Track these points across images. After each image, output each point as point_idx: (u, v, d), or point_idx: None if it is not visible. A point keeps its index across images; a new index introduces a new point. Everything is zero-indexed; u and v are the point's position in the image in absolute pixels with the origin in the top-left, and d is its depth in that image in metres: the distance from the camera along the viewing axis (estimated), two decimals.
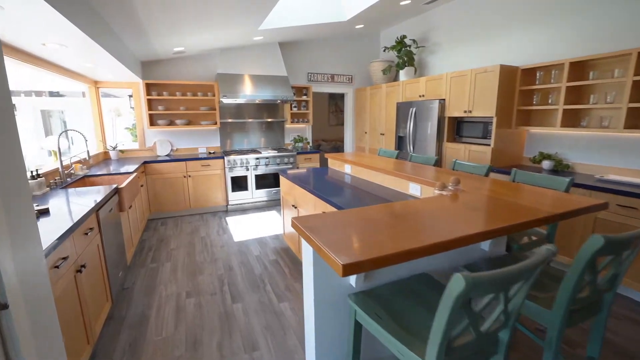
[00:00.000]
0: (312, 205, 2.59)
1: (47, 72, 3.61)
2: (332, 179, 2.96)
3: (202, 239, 3.97)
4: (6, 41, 2.43)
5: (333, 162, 3.56)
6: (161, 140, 5.09)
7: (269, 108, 5.69)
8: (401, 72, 5.06)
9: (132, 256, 3.33)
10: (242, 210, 5.15)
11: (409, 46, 5.01)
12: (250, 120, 5.58)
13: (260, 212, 5.07)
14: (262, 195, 5.21)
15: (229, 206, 5.06)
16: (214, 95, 5.12)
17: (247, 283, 2.90)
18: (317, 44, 5.77)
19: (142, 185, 4.15)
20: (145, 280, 2.98)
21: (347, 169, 3.23)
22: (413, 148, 4.62)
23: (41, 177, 2.66)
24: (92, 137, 4.81)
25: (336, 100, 8.70)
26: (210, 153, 5.25)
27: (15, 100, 8.37)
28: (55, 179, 2.94)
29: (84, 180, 3.39)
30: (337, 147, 8.25)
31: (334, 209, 2.15)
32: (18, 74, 5.25)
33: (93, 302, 2.04)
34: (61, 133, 3.02)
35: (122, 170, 3.77)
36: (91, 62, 3.32)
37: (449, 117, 4.16)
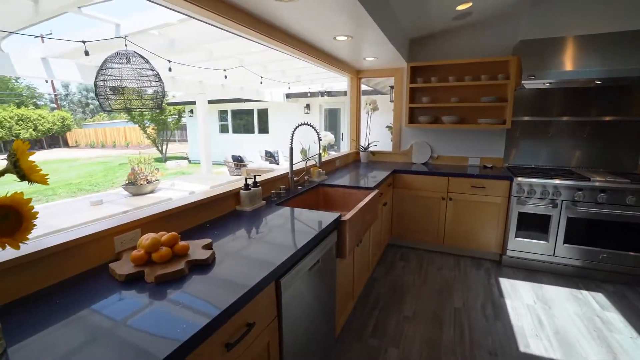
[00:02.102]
0: None
1: (315, 64, 3.15)
2: None
3: (455, 314, 2.35)
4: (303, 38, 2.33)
5: None
6: (419, 143, 3.84)
7: (610, 96, 3.09)
8: None
9: (346, 319, 2.24)
10: (529, 269, 3.03)
11: None
12: (565, 118, 3.24)
13: (565, 281, 2.76)
14: (575, 254, 2.85)
15: (505, 257, 3.11)
16: (507, 78, 3.24)
17: None
18: None
19: (385, 204, 3.06)
20: None
21: None
22: None
23: (258, 185, 1.98)
24: (346, 134, 4.29)
25: None
26: (485, 167, 3.46)
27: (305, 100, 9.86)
28: (280, 188, 2.26)
29: (317, 192, 2.63)
30: None
31: None
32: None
33: None
34: (296, 128, 2.32)
35: (365, 181, 2.79)
36: (357, 44, 2.48)
37: None
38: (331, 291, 1.78)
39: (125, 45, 3.02)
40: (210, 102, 11.23)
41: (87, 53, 2.75)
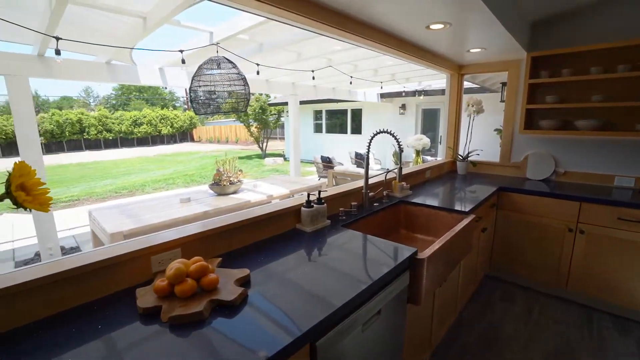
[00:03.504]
0: None
1: (406, 60, 2.75)
2: None
3: None
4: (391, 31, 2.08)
5: None
6: (538, 154, 3.03)
7: None
8: None
9: None
10: None
11: None
12: None
13: None
14: None
15: None
16: None
17: None
18: None
19: (484, 230, 2.46)
20: None
21: None
22: None
23: (323, 202, 1.73)
24: (444, 139, 3.70)
25: None
26: None
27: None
28: (351, 205, 1.96)
29: (396, 210, 2.24)
30: None
31: None
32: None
33: None
34: (373, 136, 1.97)
35: (460, 200, 2.27)
36: (458, 33, 2.01)
37: None
38: (396, 348, 1.42)
39: (217, 52, 3.15)
40: (305, 102, 11.61)
41: (183, 61, 2.96)
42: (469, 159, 3.37)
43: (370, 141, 1.99)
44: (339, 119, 11.99)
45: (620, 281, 2.32)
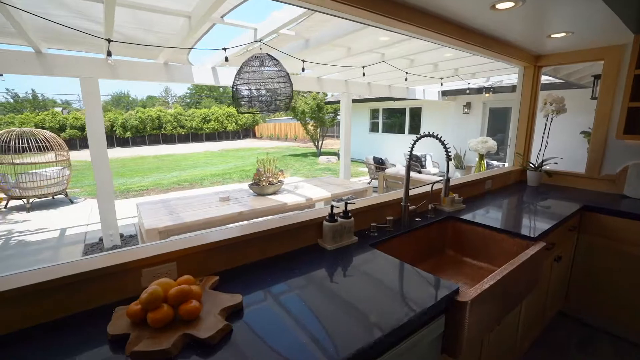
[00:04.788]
0: None
1: (468, 51, 2.37)
2: None
3: None
4: (447, 15, 1.79)
5: None
6: None
7: None
8: None
9: None
10: None
11: None
12: None
13: None
14: None
15: None
16: None
17: None
18: None
19: (558, 260, 1.98)
20: None
21: None
22: None
23: (350, 216, 1.49)
24: (513, 143, 3.17)
25: None
26: None
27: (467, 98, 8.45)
28: (387, 220, 1.69)
29: (443, 227, 1.90)
30: None
31: None
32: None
33: None
34: (416, 141, 1.66)
35: (527, 219, 1.85)
36: (534, 13, 1.60)
37: None
38: None
39: (260, 49, 3.07)
40: (361, 100, 11.27)
41: (227, 59, 2.94)
42: (543, 167, 2.81)
43: (413, 146, 1.69)
44: (397, 118, 11.43)
45: None
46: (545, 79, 5.35)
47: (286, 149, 17.87)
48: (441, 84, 6.11)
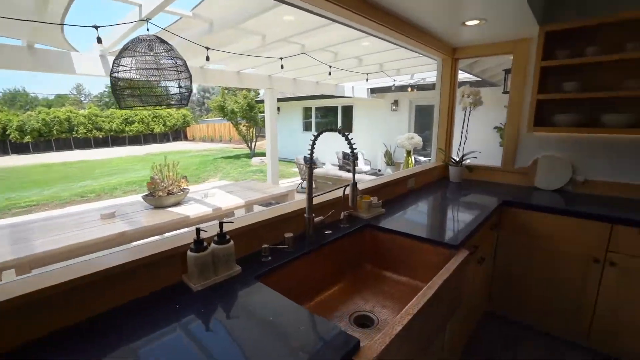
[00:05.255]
0: None
1: (385, 37, 2.13)
2: None
3: None
4: None
5: None
6: (551, 158, 2.40)
7: None
8: None
9: None
10: None
11: None
12: None
13: None
14: None
15: None
16: None
17: None
18: None
19: (481, 261, 1.83)
20: None
21: None
22: None
23: (228, 239, 1.09)
24: (434, 140, 3.08)
25: None
26: None
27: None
28: (285, 237, 1.33)
29: (359, 237, 1.61)
30: None
31: None
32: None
33: None
34: (317, 136, 1.34)
35: (451, 220, 1.65)
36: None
37: None
38: None
39: (147, 30, 2.52)
40: (293, 99, 10.95)
41: (99, 40, 2.33)
42: (464, 163, 2.74)
43: (314, 142, 1.36)
44: (330, 117, 11.34)
45: None
46: (462, 76, 5.56)
47: (219, 151, 16.82)
48: (367, 80, 6.04)
